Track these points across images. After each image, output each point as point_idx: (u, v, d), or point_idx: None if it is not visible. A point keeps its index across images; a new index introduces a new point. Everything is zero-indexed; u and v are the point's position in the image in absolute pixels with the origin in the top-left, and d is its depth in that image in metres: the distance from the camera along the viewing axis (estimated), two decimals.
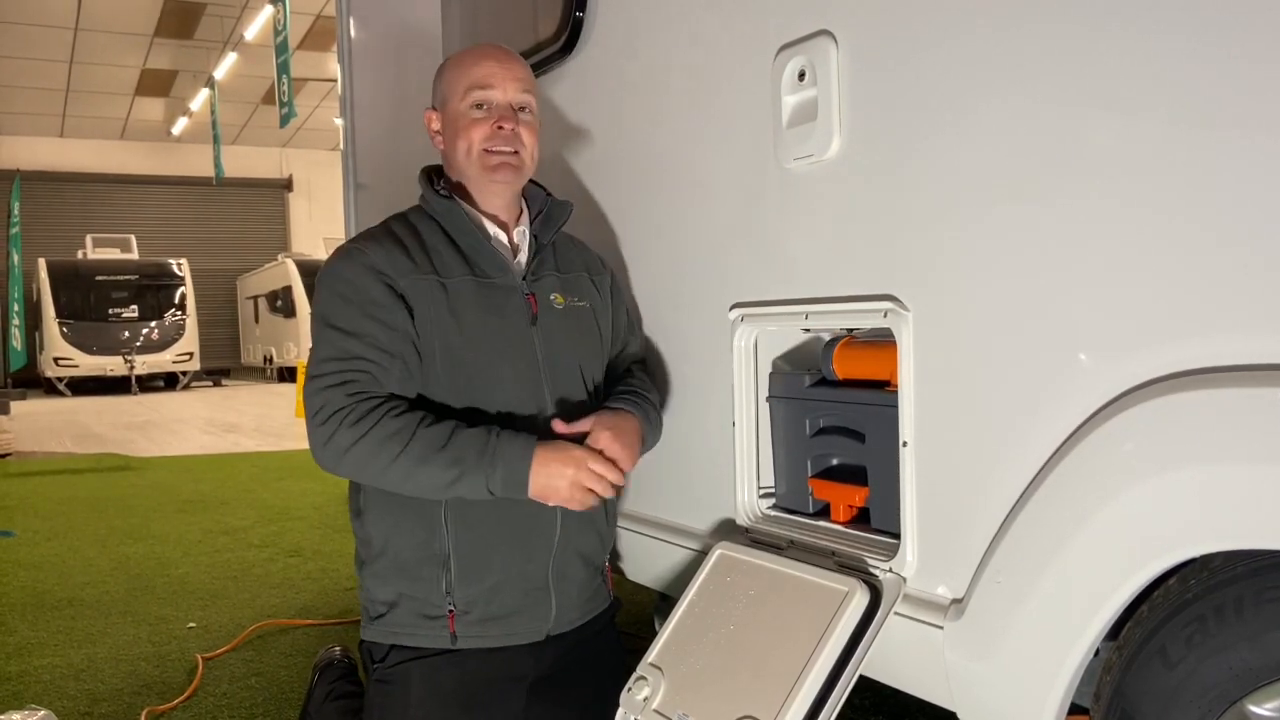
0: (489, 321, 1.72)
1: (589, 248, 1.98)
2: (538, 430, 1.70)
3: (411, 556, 1.72)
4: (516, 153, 1.76)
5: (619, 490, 1.72)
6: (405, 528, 1.72)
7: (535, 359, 1.75)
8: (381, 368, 1.65)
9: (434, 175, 1.85)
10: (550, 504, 1.67)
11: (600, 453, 1.68)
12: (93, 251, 20.49)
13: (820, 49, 1.53)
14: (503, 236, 1.80)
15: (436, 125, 1.84)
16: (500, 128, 1.75)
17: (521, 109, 1.79)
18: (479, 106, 1.75)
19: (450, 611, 1.72)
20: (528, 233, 1.84)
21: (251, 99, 19.63)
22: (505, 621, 1.74)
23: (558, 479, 1.63)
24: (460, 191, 1.81)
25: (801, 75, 1.57)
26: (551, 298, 1.80)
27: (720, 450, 1.82)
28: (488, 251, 1.77)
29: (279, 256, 21.68)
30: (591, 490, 1.66)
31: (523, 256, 1.82)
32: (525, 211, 1.87)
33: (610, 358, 1.92)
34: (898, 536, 1.47)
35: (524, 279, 1.79)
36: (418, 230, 1.77)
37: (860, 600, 1.42)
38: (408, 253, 1.71)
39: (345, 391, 1.62)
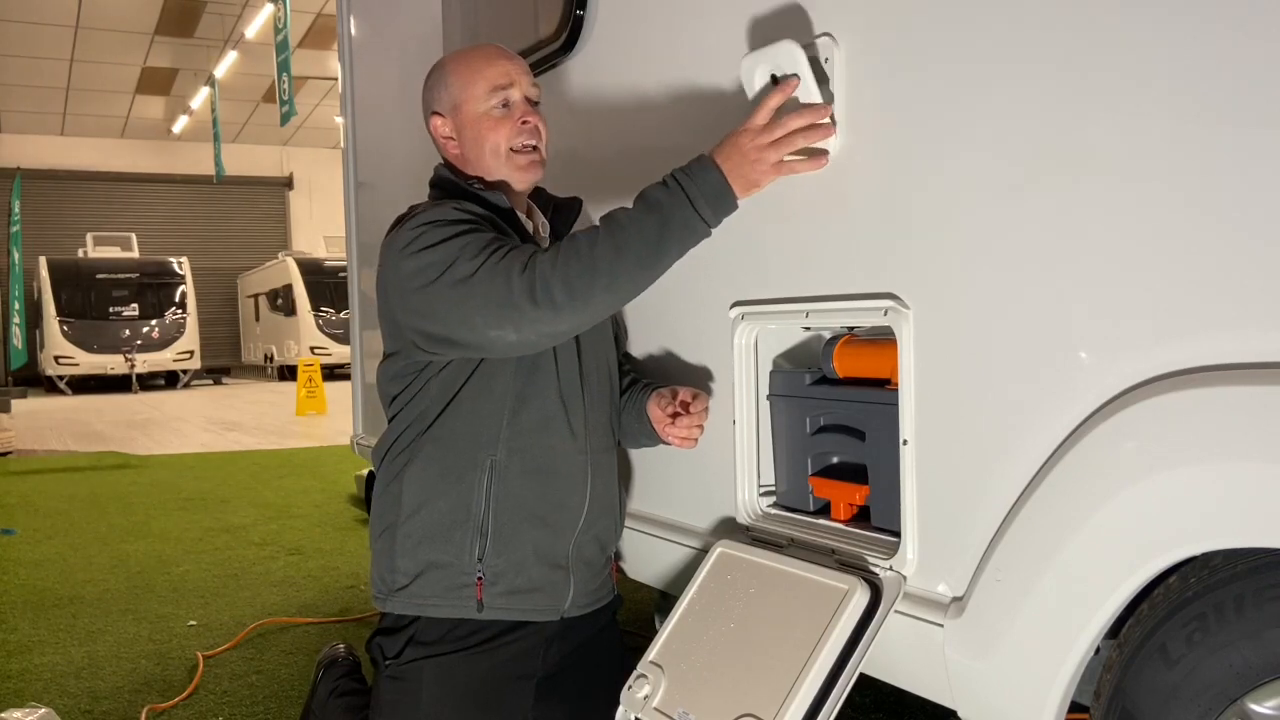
0: None
1: (576, 208, 1.99)
2: (576, 414, 1.77)
3: (445, 518, 1.72)
4: (537, 149, 1.80)
5: None
6: (444, 488, 1.72)
7: (574, 347, 1.79)
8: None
9: (457, 172, 1.83)
10: (764, 186, 1.53)
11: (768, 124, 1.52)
12: (93, 250, 20.50)
13: (823, 49, 1.53)
14: (529, 227, 1.82)
15: (448, 130, 1.80)
16: (525, 122, 1.77)
17: (536, 102, 1.81)
18: (502, 105, 1.76)
19: (479, 579, 1.72)
20: (549, 225, 1.88)
21: (252, 97, 19.64)
22: (528, 596, 1.76)
23: (748, 155, 1.50)
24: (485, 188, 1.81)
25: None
26: None
27: (721, 448, 1.82)
28: (532, 240, 1.79)
29: (280, 255, 21.70)
30: (798, 142, 1.49)
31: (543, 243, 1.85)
32: (532, 205, 1.89)
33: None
34: (898, 535, 1.47)
35: None
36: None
37: (860, 598, 1.42)
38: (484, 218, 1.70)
39: (525, 251, 1.57)
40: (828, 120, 1.50)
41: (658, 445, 1.90)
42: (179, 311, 19.96)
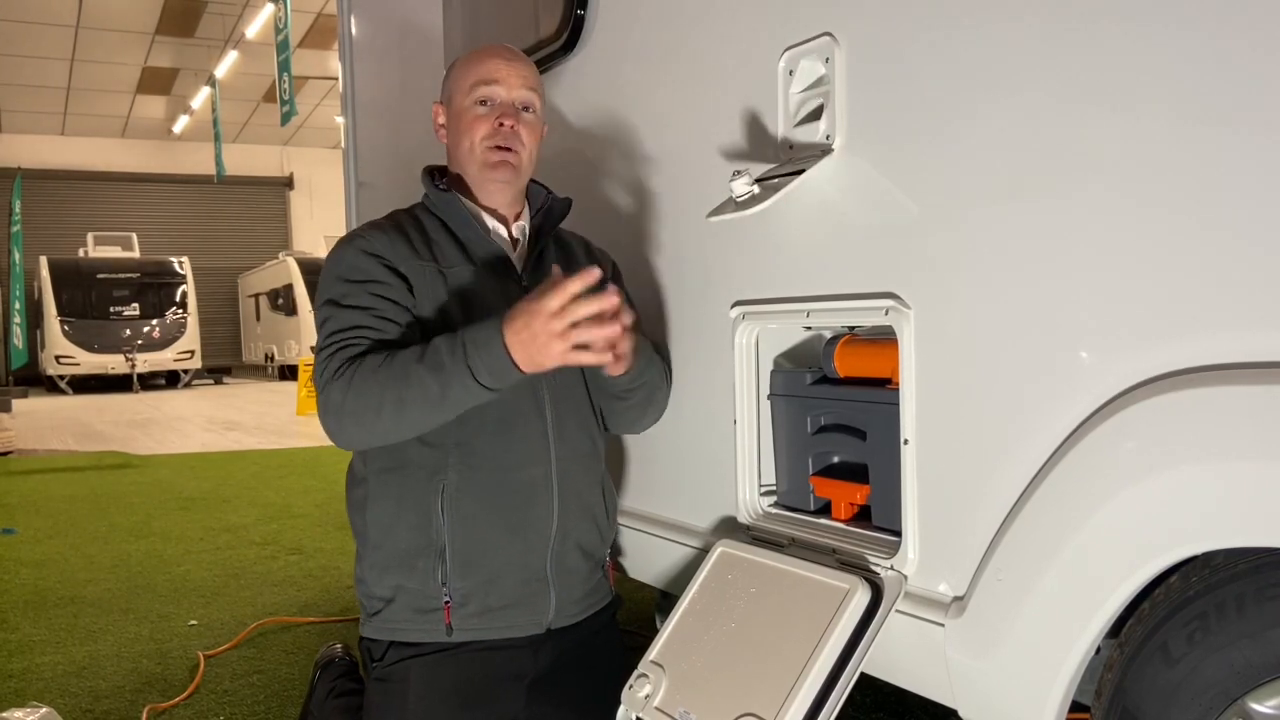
0: (487, 311, 1.72)
1: (590, 242, 1.99)
2: (532, 424, 1.74)
3: (408, 547, 1.72)
4: (515, 151, 1.78)
5: (619, 348, 1.55)
6: (403, 518, 1.72)
7: None
8: (382, 334, 1.65)
9: (435, 172, 1.87)
10: (550, 368, 1.52)
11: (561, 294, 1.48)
12: (94, 249, 20.51)
13: (823, 49, 1.53)
14: (502, 230, 1.82)
15: (441, 119, 1.86)
16: (501, 124, 1.76)
17: (525, 108, 1.80)
18: (483, 103, 1.77)
19: (446, 603, 1.72)
20: (527, 228, 1.86)
21: (253, 97, 19.63)
22: (503, 614, 1.74)
23: (538, 338, 1.48)
24: (461, 186, 1.83)
25: (805, 75, 1.57)
26: None
27: (721, 448, 1.82)
28: (486, 244, 1.78)
29: (280, 254, 21.70)
30: (585, 334, 1.48)
31: (521, 250, 1.83)
32: (526, 208, 1.88)
33: None
34: (899, 534, 1.47)
35: (522, 272, 1.80)
36: (421, 222, 1.80)
37: (861, 598, 1.42)
38: (409, 241, 1.74)
39: (346, 354, 1.62)
40: (616, 317, 1.49)
41: (631, 396, 1.83)
42: (180, 311, 19.96)
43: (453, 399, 1.57)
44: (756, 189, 1.57)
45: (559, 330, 1.48)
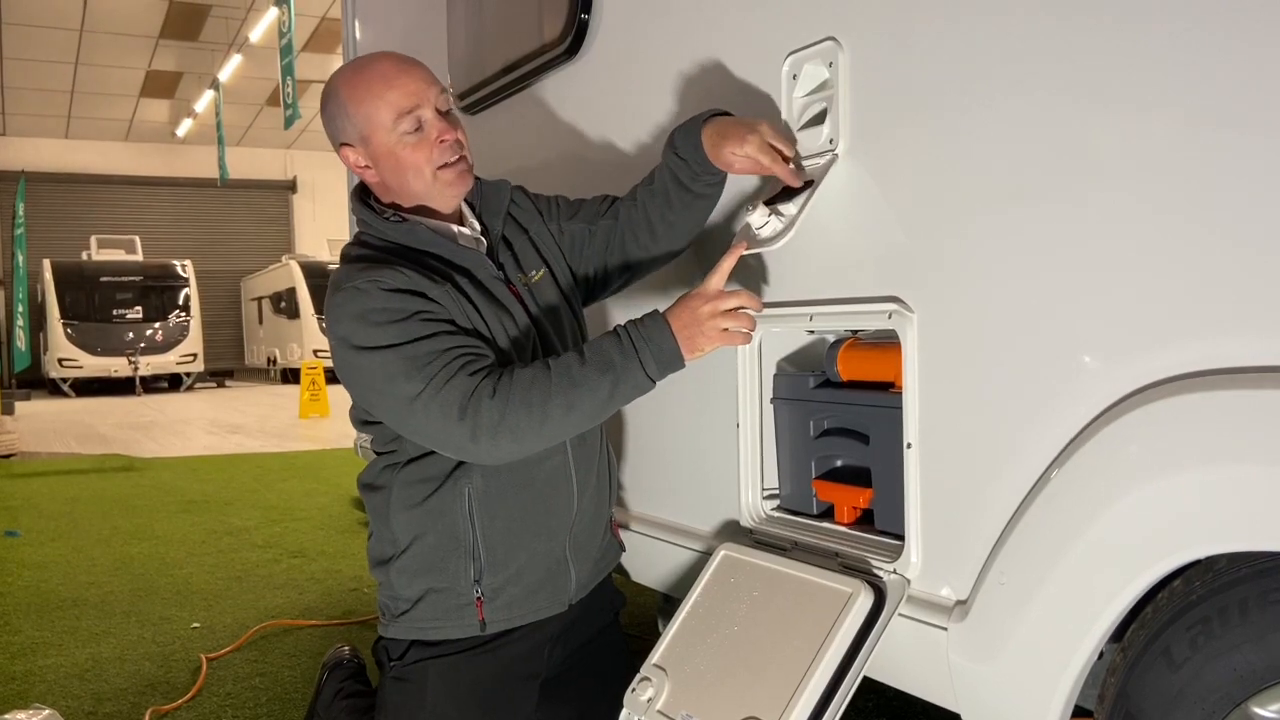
0: (498, 317, 1.71)
1: (524, 190, 1.92)
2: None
3: (438, 551, 1.73)
4: (463, 157, 1.72)
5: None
6: (430, 524, 1.72)
7: (535, 345, 1.75)
8: (477, 349, 1.61)
9: (371, 201, 1.76)
10: (707, 352, 1.59)
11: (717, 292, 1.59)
12: (97, 253, 20.53)
13: (827, 53, 1.54)
14: (467, 232, 1.77)
15: (362, 160, 1.70)
16: (443, 141, 1.67)
17: (448, 110, 1.71)
18: (414, 129, 1.65)
19: (479, 599, 1.73)
20: (478, 224, 1.81)
21: (256, 101, 19.65)
22: (530, 599, 1.77)
23: (703, 326, 1.56)
24: (407, 211, 1.75)
25: (809, 79, 1.58)
26: (519, 279, 1.79)
27: (724, 451, 1.82)
28: (466, 254, 1.73)
29: (283, 258, 21.70)
30: (741, 319, 1.57)
31: (483, 248, 1.78)
32: (463, 204, 1.82)
33: (574, 217, 1.89)
34: (902, 538, 1.47)
35: (499, 266, 1.77)
36: (392, 254, 1.69)
37: (864, 602, 1.42)
38: (412, 270, 1.64)
39: (466, 374, 1.56)
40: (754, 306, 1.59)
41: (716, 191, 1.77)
42: (182, 314, 19.98)
43: (619, 397, 1.58)
44: (772, 219, 1.58)
45: (721, 311, 1.56)
